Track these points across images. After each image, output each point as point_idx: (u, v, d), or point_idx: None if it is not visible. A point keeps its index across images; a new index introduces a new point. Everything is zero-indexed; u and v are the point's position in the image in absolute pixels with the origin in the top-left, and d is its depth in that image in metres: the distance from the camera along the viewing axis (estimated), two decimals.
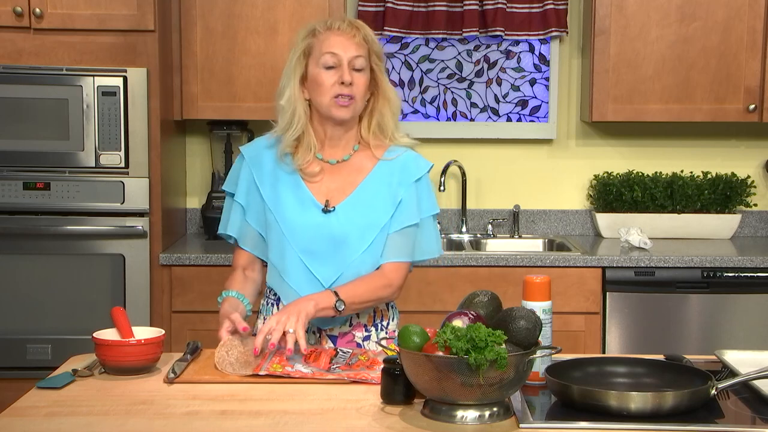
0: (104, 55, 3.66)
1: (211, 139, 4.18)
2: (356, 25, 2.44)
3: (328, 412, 1.94)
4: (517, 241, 4.25)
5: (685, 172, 4.28)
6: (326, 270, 2.43)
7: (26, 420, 1.89)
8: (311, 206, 2.44)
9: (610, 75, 3.98)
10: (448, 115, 4.34)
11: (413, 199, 2.47)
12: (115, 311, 2.28)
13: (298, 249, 2.43)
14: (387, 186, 2.45)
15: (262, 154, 2.50)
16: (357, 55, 2.40)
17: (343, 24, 2.43)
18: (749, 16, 3.93)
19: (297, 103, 2.43)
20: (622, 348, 3.75)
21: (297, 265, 2.43)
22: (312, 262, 2.43)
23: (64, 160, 3.64)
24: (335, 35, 2.41)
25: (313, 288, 2.41)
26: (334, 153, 2.48)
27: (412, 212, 2.46)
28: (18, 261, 3.67)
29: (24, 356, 3.67)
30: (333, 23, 2.43)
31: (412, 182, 2.47)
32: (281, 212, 2.44)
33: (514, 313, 1.92)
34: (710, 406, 1.93)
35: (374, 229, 2.43)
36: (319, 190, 2.45)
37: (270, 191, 2.46)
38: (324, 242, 2.42)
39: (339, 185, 2.46)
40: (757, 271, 3.74)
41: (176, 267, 3.72)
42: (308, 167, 2.45)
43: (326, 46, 2.40)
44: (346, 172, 2.47)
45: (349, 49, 2.40)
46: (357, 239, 2.42)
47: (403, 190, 2.45)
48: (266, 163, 2.48)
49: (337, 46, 2.40)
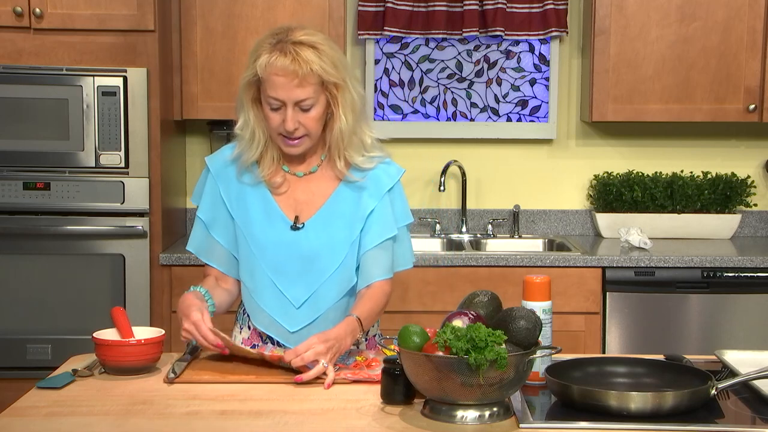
0: (104, 55, 3.66)
1: (211, 139, 4.18)
2: (300, 60, 2.24)
3: (328, 412, 1.94)
4: (517, 241, 4.25)
5: (685, 172, 4.28)
6: (297, 290, 2.37)
7: (26, 420, 1.89)
8: (279, 222, 2.38)
9: (610, 75, 3.98)
10: (448, 115, 4.34)
11: (388, 210, 2.40)
12: (115, 311, 2.28)
13: (267, 268, 2.37)
14: (356, 199, 2.39)
15: (228, 167, 2.42)
16: (301, 99, 2.26)
17: (286, 60, 2.23)
18: (749, 16, 3.93)
19: (254, 126, 2.35)
20: (622, 348, 3.75)
21: (267, 285, 2.38)
22: (282, 281, 2.37)
23: (64, 160, 3.64)
24: (277, 76, 2.25)
25: (283, 308, 2.37)
26: (301, 166, 2.41)
27: (389, 224, 2.40)
28: (18, 261, 3.67)
29: (24, 356, 3.67)
30: (275, 60, 2.24)
31: (385, 192, 2.40)
32: (249, 229, 2.38)
33: (514, 313, 1.92)
34: (710, 406, 1.93)
35: (344, 245, 2.37)
36: (287, 203, 2.39)
37: (237, 206, 2.40)
38: (294, 261, 2.36)
39: (307, 197, 2.40)
40: (757, 271, 3.74)
41: (176, 267, 3.72)
42: (272, 177, 2.39)
43: (269, 87, 2.27)
44: (315, 183, 2.41)
45: (292, 93, 2.25)
46: (328, 258, 2.36)
47: (374, 201, 2.38)
48: (232, 176, 2.41)
49: (278, 89, 2.26)
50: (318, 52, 2.27)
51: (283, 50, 2.25)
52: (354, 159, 2.37)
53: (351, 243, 2.37)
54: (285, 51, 2.25)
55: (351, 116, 2.33)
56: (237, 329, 2.52)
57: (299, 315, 2.38)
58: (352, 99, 2.33)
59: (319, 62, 2.26)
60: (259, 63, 2.27)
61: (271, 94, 2.27)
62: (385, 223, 2.39)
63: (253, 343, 2.45)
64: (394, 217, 2.41)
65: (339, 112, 2.32)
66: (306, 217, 2.38)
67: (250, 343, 2.45)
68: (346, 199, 2.39)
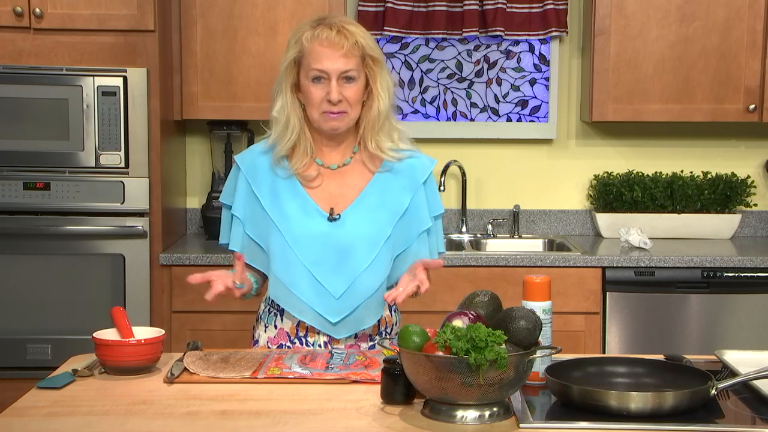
0: (104, 55, 3.66)
1: (211, 139, 4.18)
2: (346, 32, 2.32)
3: (328, 412, 1.94)
4: (517, 241, 4.25)
5: (685, 172, 4.28)
6: (336, 281, 2.38)
7: (26, 420, 1.89)
8: (316, 215, 2.39)
9: (610, 75, 3.98)
10: (448, 115, 4.34)
11: (423, 203, 2.44)
12: (115, 311, 2.28)
13: (305, 260, 2.37)
14: (391, 191, 2.41)
15: (258, 163, 2.43)
16: (345, 69, 2.31)
17: (332, 33, 2.31)
18: (749, 16, 3.93)
19: (290, 111, 2.37)
20: (622, 348, 3.75)
21: (305, 277, 2.38)
22: (321, 273, 2.37)
23: (64, 160, 3.64)
24: (322, 47, 2.31)
25: (323, 300, 2.37)
26: (334, 157, 2.43)
27: (424, 217, 2.44)
28: (18, 261, 3.67)
29: (24, 356, 3.67)
30: (320, 32, 2.32)
31: (420, 185, 2.44)
32: (285, 223, 2.38)
33: (514, 313, 1.92)
34: (710, 406, 1.93)
35: (381, 236, 2.38)
36: (321, 196, 2.41)
37: (271, 202, 2.40)
38: (331, 253, 2.37)
39: (341, 190, 2.41)
40: (757, 271, 3.74)
41: (176, 267, 3.72)
42: (305, 171, 2.40)
43: (313, 60, 2.31)
44: (348, 175, 2.43)
45: (337, 62, 2.31)
46: (365, 248, 2.38)
47: (409, 194, 2.42)
48: (263, 172, 2.42)
49: (324, 60, 2.31)
50: (360, 29, 2.37)
51: (328, 25, 2.34)
52: (383, 144, 2.41)
53: (387, 234, 2.39)
54: (330, 25, 2.33)
55: (387, 97, 2.39)
56: (261, 328, 2.50)
57: (340, 306, 2.38)
58: (387, 81, 2.40)
59: (363, 35, 2.35)
60: (305, 36, 2.33)
61: (316, 66, 2.31)
62: (420, 216, 2.44)
63: (279, 343, 2.45)
64: (428, 209, 2.45)
65: (377, 89, 2.38)
66: (341, 209, 2.40)
67: (276, 342, 2.45)
68: (380, 190, 2.42)
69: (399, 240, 2.42)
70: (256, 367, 2.19)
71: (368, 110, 2.40)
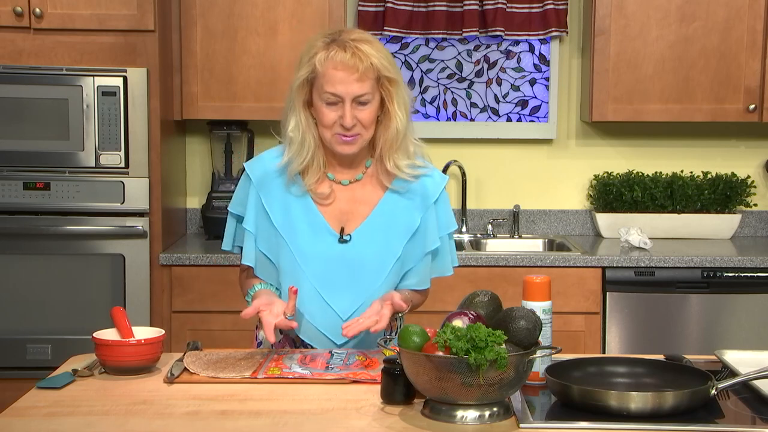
0: (104, 55, 3.66)
1: (211, 139, 4.18)
2: (360, 54, 2.24)
3: (328, 412, 1.94)
4: (517, 241, 4.25)
5: (685, 172, 4.28)
6: (343, 302, 2.35)
7: (26, 420, 1.89)
8: (326, 234, 2.35)
9: (610, 75, 3.98)
10: (448, 115, 4.34)
11: (433, 223, 2.40)
12: (115, 311, 2.28)
13: (313, 280, 2.34)
14: (402, 209, 2.38)
15: (269, 175, 2.38)
16: (360, 93, 2.25)
17: (346, 55, 2.23)
18: (749, 16, 3.93)
19: (305, 130, 2.31)
20: (622, 348, 3.75)
21: (312, 296, 2.35)
22: (328, 293, 2.35)
23: (64, 160, 3.64)
24: (336, 70, 2.23)
25: (328, 320, 2.35)
26: (346, 173, 2.39)
27: (432, 237, 2.41)
28: (18, 261, 3.67)
29: (24, 356, 3.67)
30: (334, 55, 2.24)
31: (431, 204, 2.40)
32: (295, 240, 2.35)
33: (514, 313, 1.92)
34: (710, 406, 1.93)
35: (391, 257, 2.36)
36: (333, 214, 2.37)
37: (281, 217, 2.36)
38: (341, 273, 2.34)
39: (353, 207, 2.38)
40: (757, 271, 3.74)
41: (176, 267, 3.72)
42: (319, 188, 2.36)
43: (326, 83, 2.24)
44: (360, 191, 2.39)
45: (351, 86, 2.24)
46: (374, 269, 2.35)
47: (420, 214, 2.38)
48: (274, 185, 2.37)
49: (337, 84, 2.24)
50: (375, 47, 2.27)
51: (342, 45, 2.25)
52: (400, 163, 2.35)
53: (397, 255, 2.37)
54: (344, 46, 2.25)
55: (404, 115, 2.33)
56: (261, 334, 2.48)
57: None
58: (404, 98, 2.33)
59: (378, 56, 2.26)
60: (318, 58, 2.25)
61: (329, 90, 2.25)
62: (428, 236, 2.40)
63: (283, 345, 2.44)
64: (437, 227, 2.41)
65: (394, 108, 2.31)
66: (352, 228, 2.36)
67: (281, 346, 2.43)
68: (392, 209, 2.38)
69: (407, 259, 2.40)
70: (256, 367, 2.19)
71: (385, 130, 2.33)
